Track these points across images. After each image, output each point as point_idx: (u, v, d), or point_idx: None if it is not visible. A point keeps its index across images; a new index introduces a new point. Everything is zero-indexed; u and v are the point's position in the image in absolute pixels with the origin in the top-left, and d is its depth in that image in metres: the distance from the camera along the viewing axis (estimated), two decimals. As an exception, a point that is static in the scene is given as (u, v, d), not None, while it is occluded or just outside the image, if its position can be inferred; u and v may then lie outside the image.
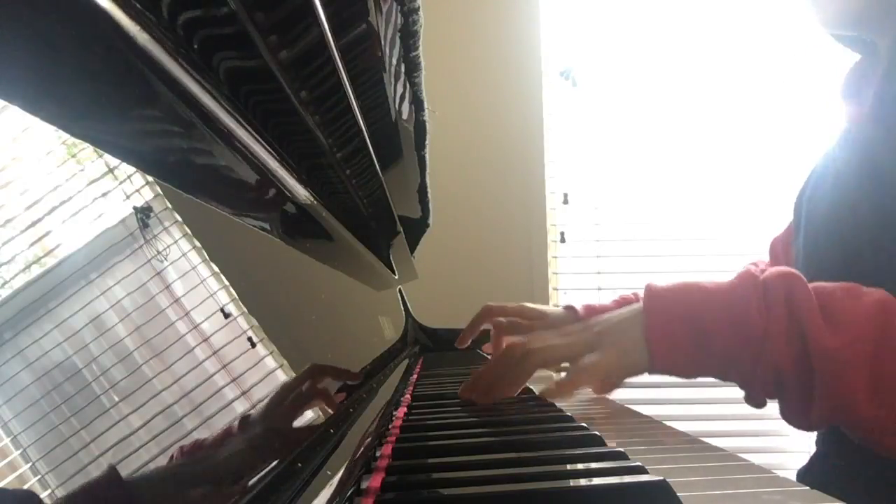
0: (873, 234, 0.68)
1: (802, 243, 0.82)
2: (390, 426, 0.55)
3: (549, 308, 0.98)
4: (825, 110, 1.89)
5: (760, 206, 1.92)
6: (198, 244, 0.33)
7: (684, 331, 0.60)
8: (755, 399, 0.61)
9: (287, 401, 0.40)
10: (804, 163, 0.93)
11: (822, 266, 0.76)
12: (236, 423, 0.32)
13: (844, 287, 0.58)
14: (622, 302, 0.95)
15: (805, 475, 0.79)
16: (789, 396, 0.58)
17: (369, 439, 0.47)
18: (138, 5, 0.30)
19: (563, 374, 0.67)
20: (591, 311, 0.93)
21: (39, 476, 0.19)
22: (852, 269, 0.71)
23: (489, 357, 1.19)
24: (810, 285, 0.58)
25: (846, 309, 0.55)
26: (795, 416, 0.59)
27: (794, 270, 0.59)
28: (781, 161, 1.93)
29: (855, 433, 0.57)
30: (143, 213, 0.29)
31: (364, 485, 0.38)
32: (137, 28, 0.29)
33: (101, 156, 0.27)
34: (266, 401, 0.36)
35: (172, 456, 0.25)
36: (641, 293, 0.64)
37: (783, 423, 0.62)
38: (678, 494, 0.34)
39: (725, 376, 0.61)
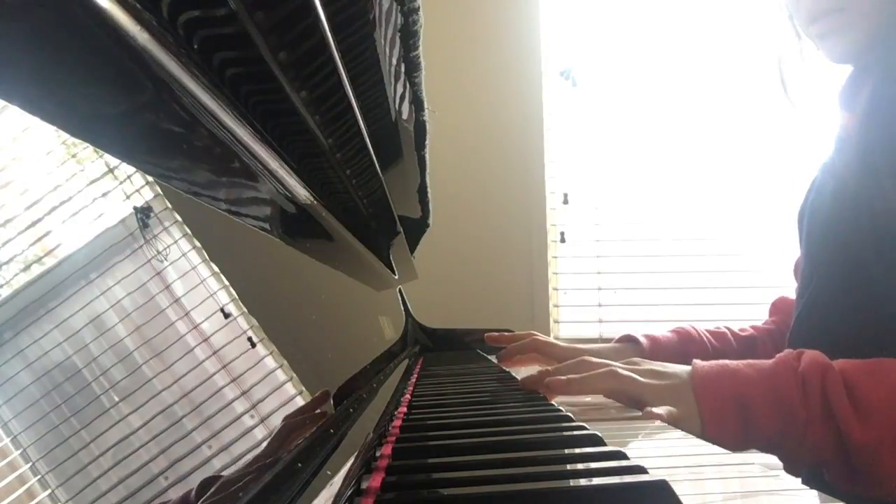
0: (875, 241, 0.69)
1: (805, 252, 0.83)
2: (390, 426, 0.55)
3: (599, 347, 1.05)
4: (824, 114, 1.89)
5: (760, 207, 1.92)
6: (198, 244, 0.33)
7: (733, 415, 0.65)
8: (793, 470, 0.66)
9: (289, 404, 0.40)
10: (804, 163, 0.93)
11: (825, 277, 0.77)
12: (236, 424, 0.32)
13: (868, 370, 0.63)
14: (683, 335, 1.03)
15: (811, 476, 0.79)
16: (833, 474, 0.63)
17: (369, 439, 0.46)
18: (138, 5, 0.30)
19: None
20: (655, 343, 0.99)
21: (39, 476, 0.19)
22: (855, 279, 0.72)
23: (490, 357, 1.20)
24: (837, 367, 0.63)
25: (871, 396, 0.60)
26: (839, 486, 0.64)
27: (824, 358, 0.64)
28: (781, 161, 1.93)
29: None
30: (143, 213, 0.29)
31: (364, 485, 0.38)
32: (137, 28, 0.29)
33: (101, 156, 0.27)
34: (267, 401, 0.36)
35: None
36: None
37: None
38: (678, 495, 0.34)
39: (771, 451, 0.66)
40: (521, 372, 1.07)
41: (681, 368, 0.70)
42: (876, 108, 0.72)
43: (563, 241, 2.01)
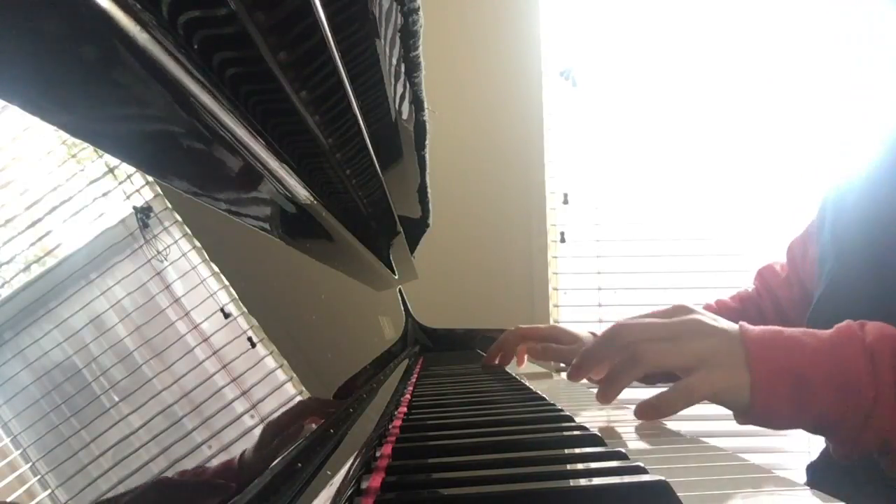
0: None
1: (830, 240, 0.80)
2: (390, 426, 0.55)
3: (582, 332, 1.00)
4: (824, 112, 1.89)
5: (760, 207, 1.92)
6: (198, 244, 0.33)
7: (788, 390, 0.58)
8: (850, 457, 0.60)
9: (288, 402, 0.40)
10: (804, 163, 0.93)
11: (852, 266, 0.75)
12: (236, 424, 0.32)
13: None
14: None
15: (813, 469, 0.79)
16: (894, 458, 0.58)
17: (369, 439, 0.47)
18: (138, 5, 0.30)
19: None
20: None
21: (39, 476, 0.19)
22: (885, 272, 0.70)
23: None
24: None
25: None
26: None
27: (893, 330, 0.58)
28: (781, 161, 1.92)
29: None
30: (143, 213, 0.29)
31: (364, 485, 0.38)
32: (137, 28, 0.29)
33: (101, 156, 0.27)
34: (267, 402, 0.36)
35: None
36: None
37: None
38: (678, 494, 0.34)
39: (825, 433, 0.61)
40: (515, 370, 1.07)
41: (729, 326, 0.63)
42: None
43: (563, 241, 2.01)
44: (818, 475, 0.78)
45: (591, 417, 0.70)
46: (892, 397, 0.56)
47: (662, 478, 0.35)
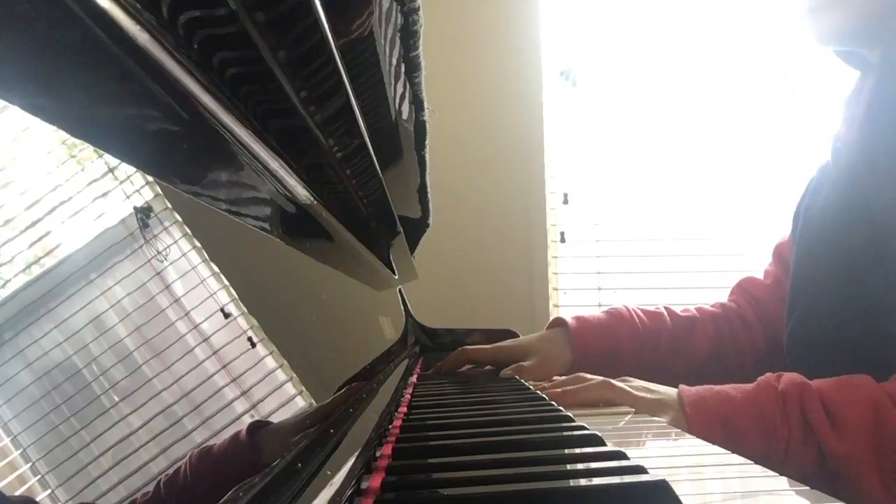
0: (873, 244, 0.69)
1: (796, 254, 0.84)
2: (390, 426, 0.55)
3: (526, 338, 1.04)
4: (825, 113, 1.89)
5: (760, 207, 1.92)
6: (198, 244, 0.33)
7: (721, 435, 0.67)
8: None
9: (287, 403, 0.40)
10: (803, 163, 0.94)
11: (821, 279, 0.78)
12: (236, 423, 0.32)
13: (840, 386, 0.66)
14: (614, 315, 1.04)
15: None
16: (817, 485, 0.64)
17: (369, 439, 0.46)
18: (138, 5, 0.30)
19: None
20: (583, 323, 0.98)
21: (39, 476, 0.19)
22: (852, 282, 0.73)
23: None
24: (814, 386, 0.66)
25: (844, 409, 0.63)
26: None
27: (802, 378, 0.67)
28: (781, 161, 1.92)
29: None
30: (143, 213, 0.29)
31: (364, 485, 0.38)
32: (137, 28, 0.29)
33: (101, 156, 0.27)
34: (266, 403, 0.36)
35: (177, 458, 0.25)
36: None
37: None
38: (678, 494, 0.34)
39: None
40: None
41: (670, 389, 0.73)
42: (876, 108, 0.72)
43: (563, 241, 2.01)
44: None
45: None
46: (802, 435, 0.64)
47: (663, 478, 0.35)
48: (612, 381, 0.74)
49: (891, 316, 0.67)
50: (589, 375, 0.77)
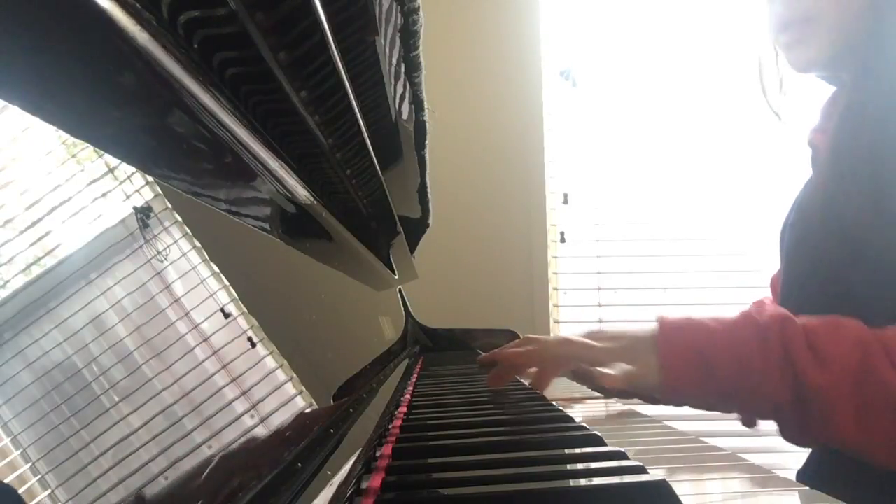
0: (849, 253, 0.70)
1: (783, 271, 0.85)
2: (390, 426, 0.55)
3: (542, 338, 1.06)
4: (804, 124, 1.88)
5: (760, 207, 1.92)
6: (198, 244, 0.33)
7: (693, 365, 0.67)
8: (749, 422, 0.70)
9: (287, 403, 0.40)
10: (803, 164, 0.94)
11: (804, 291, 0.78)
12: (236, 424, 0.32)
13: (827, 323, 0.65)
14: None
15: (804, 475, 0.79)
16: (785, 423, 0.66)
17: (369, 439, 0.46)
18: (138, 5, 0.30)
19: None
20: None
21: (39, 476, 0.19)
22: (832, 292, 0.73)
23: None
24: (799, 320, 0.65)
25: (830, 345, 0.63)
26: (792, 437, 0.66)
27: (787, 312, 0.67)
28: (781, 161, 1.92)
29: (847, 453, 0.63)
30: (143, 213, 0.29)
31: (364, 485, 0.38)
32: (137, 28, 0.29)
33: (101, 156, 0.27)
34: (266, 403, 0.36)
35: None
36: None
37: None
38: (678, 494, 0.34)
39: (726, 405, 0.69)
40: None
41: (643, 326, 0.73)
42: (846, 120, 0.73)
43: (563, 241, 2.01)
44: (805, 481, 0.79)
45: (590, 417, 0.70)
46: (779, 368, 0.63)
47: (663, 478, 0.35)
48: (571, 336, 0.75)
49: (871, 320, 0.66)
50: (540, 336, 0.78)
